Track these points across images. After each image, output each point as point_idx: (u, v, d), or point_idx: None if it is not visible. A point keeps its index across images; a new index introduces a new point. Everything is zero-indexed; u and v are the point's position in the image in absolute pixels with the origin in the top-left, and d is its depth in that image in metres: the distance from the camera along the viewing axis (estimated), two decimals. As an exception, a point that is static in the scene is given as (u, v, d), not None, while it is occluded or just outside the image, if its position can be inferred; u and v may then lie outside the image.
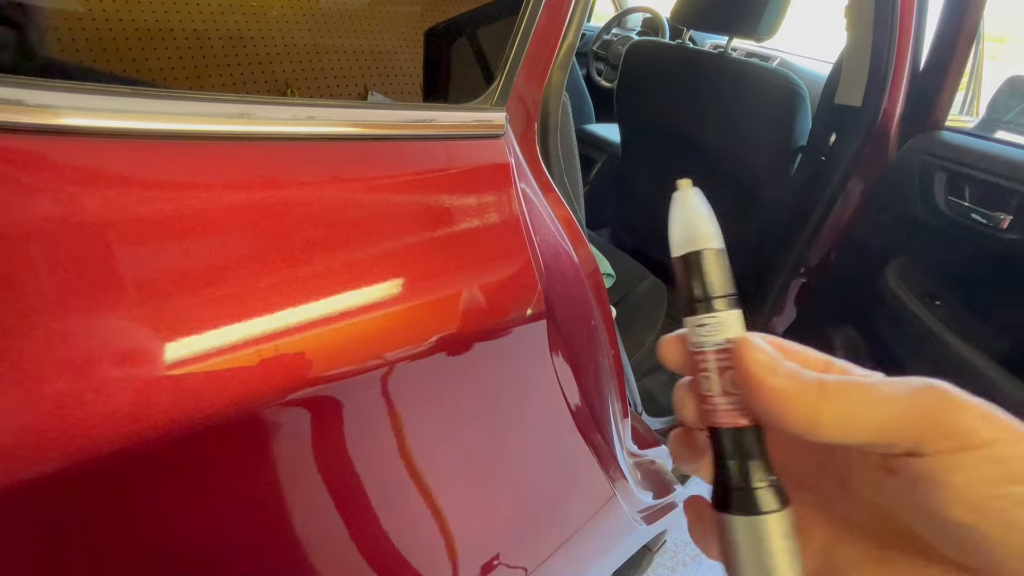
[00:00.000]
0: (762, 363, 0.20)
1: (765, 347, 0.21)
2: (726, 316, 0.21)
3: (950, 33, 1.17)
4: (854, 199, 1.33)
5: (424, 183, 0.44)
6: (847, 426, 0.19)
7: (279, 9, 1.14)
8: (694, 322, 0.22)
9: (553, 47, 0.55)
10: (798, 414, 0.20)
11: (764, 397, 0.20)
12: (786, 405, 0.20)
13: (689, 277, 0.22)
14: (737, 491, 0.21)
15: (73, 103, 0.31)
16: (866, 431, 0.19)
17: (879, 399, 0.19)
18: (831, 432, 0.19)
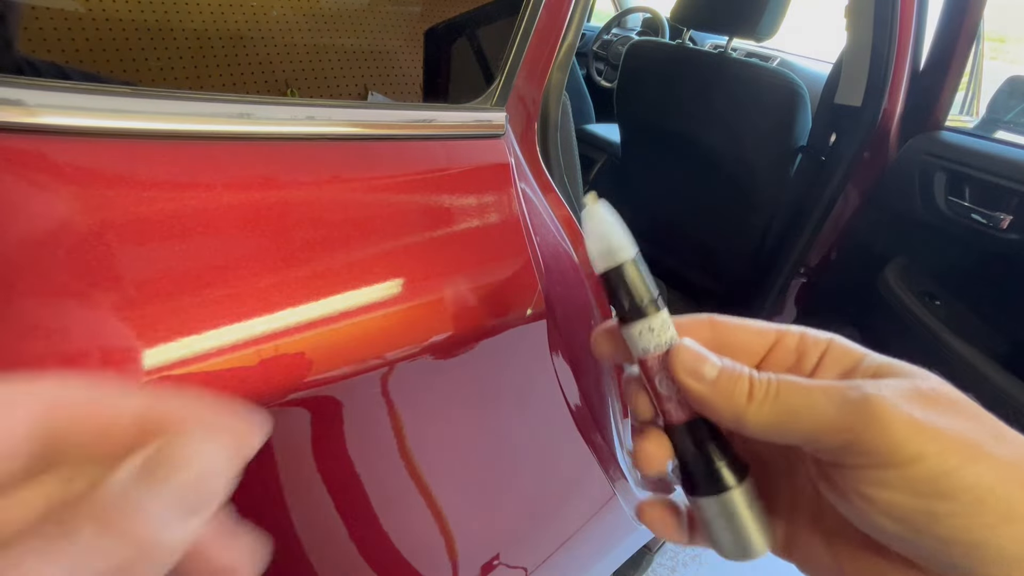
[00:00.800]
0: (687, 367, 0.22)
1: (692, 349, 0.22)
2: (655, 321, 0.23)
3: (950, 33, 1.17)
4: (854, 199, 1.33)
5: (424, 183, 0.44)
6: (771, 428, 0.20)
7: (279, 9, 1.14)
8: (630, 332, 0.23)
9: (553, 47, 0.55)
10: (725, 413, 0.21)
11: (692, 398, 0.22)
12: (712, 405, 0.21)
13: (615, 292, 0.23)
14: (697, 476, 0.23)
15: (73, 103, 0.31)
16: (790, 435, 0.20)
17: (806, 406, 0.19)
18: (756, 431, 0.21)
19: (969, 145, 1.15)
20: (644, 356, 0.23)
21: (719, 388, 0.21)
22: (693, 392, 0.22)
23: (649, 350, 0.23)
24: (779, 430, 0.20)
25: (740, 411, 0.21)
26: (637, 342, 0.23)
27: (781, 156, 1.42)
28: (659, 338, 0.23)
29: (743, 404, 0.21)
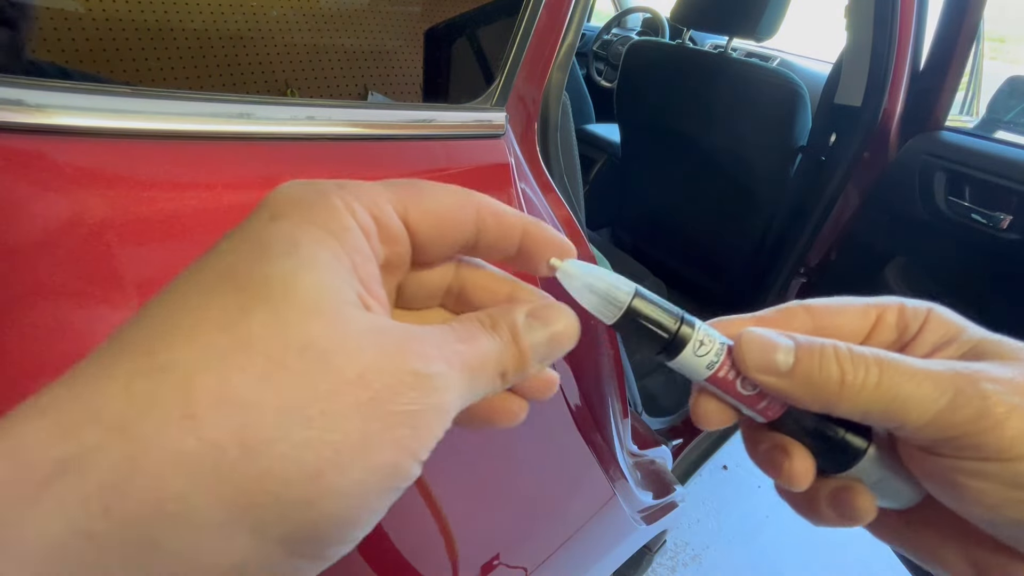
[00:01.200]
0: (757, 363, 0.20)
1: (757, 339, 0.20)
2: (699, 335, 0.21)
3: (950, 33, 1.17)
4: (854, 199, 1.33)
5: (424, 183, 0.44)
6: (868, 416, 0.19)
7: (279, 9, 1.14)
8: (683, 362, 0.21)
9: (553, 47, 0.55)
10: (813, 405, 0.20)
11: (776, 394, 0.20)
12: (797, 398, 0.20)
13: (639, 335, 0.21)
14: (828, 457, 0.21)
15: (73, 103, 0.31)
16: (887, 423, 0.19)
17: (912, 396, 0.18)
18: (850, 416, 0.19)
19: (969, 145, 1.15)
20: (712, 373, 0.21)
21: (799, 377, 0.19)
22: (773, 388, 0.20)
23: (715, 363, 0.21)
24: (876, 417, 0.19)
25: (832, 399, 0.19)
26: (696, 366, 0.21)
27: (781, 156, 1.42)
28: (712, 347, 0.21)
29: (835, 392, 0.19)
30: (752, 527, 1.52)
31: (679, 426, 1.39)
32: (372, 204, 0.17)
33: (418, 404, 0.15)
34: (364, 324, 0.15)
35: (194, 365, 0.13)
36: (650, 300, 0.21)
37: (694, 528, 1.50)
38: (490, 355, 0.18)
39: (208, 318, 0.14)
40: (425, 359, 0.16)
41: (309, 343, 0.14)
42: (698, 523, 1.52)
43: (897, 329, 0.22)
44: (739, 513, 1.56)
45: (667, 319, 0.21)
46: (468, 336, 0.18)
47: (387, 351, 0.15)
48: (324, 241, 0.16)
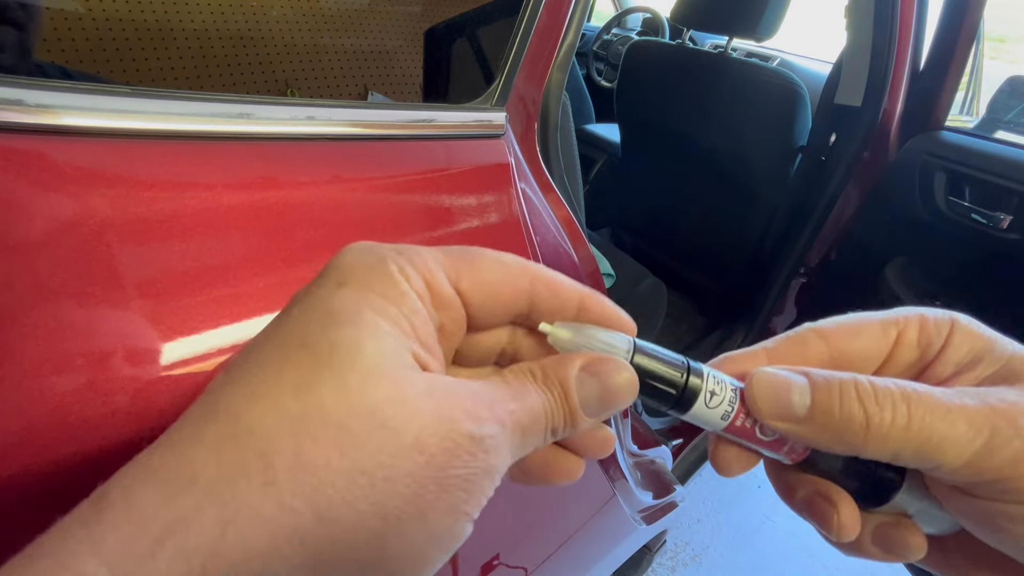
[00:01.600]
0: (772, 411, 0.19)
1: (768, 384, 0.19)
2: (708, 384, 0.20)
3: (950, 33, 1.17)
4: (854, 199, 1.33)
5: (424, 183, 0.44)
6: (897, 459, 0.18)
7: (279, 9, 1.14)
8: (696, 414, 0.20)
9: (553, 47, 0.55)
10: (837, 449, 0.18)
11: (797, 440, 0.19)
12: (819, 443, 0.19)
13: (647, 390, 0.20)
14: (863, 491, 0.20)
15: (73, 103, 0.30)
16: (920, 464, 0.18)
17: (946, 438, 0.17)
18: (878, 458, 0.18)
19: (969, 145, 1.15)
20: (728, 424, 0.20)
21: (819, 422, 0.18)
22: (792, 435, 0.19)
23: (730, 413, 0.20)
24: (908, 460, 0.17)
25: (857, 442, 0.18)
26: (711, 418, 0.20)
27: (781, 156, 1.42)
28: (725, 394, 0.20)
29: (860, 435, 0.17)
30: (752, 527, 1.52)
31: (679, 426, 1.39)
32: (426, 271, 0.18)
33: (471, 467, 0.16)
34: (421, 386, 0.16)
35: (273, 431, 0.14)
36: (651, 354, 0.20)
37: (694, 528, 1.50)
38: (540, 412, 0.18)
39: (284, 383, 0.15)
40: (478, 421, 0.16)
41: (373, 408, 0.15)
42: (698, 523, 1.52)
43: (919, 347, 0.20)
44: (739, 513, 1.56)
45: (672, 373, 0.20)
46: (520, 393, 0.18)
47: (442, 414, 0.16)
48: (385, 308, 0.17)
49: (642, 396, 0.20)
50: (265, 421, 0.14)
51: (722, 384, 0.20)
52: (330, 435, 0.14)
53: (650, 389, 0.20)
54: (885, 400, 0.17)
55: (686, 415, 0.20)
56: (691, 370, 0.20)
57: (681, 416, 0.20)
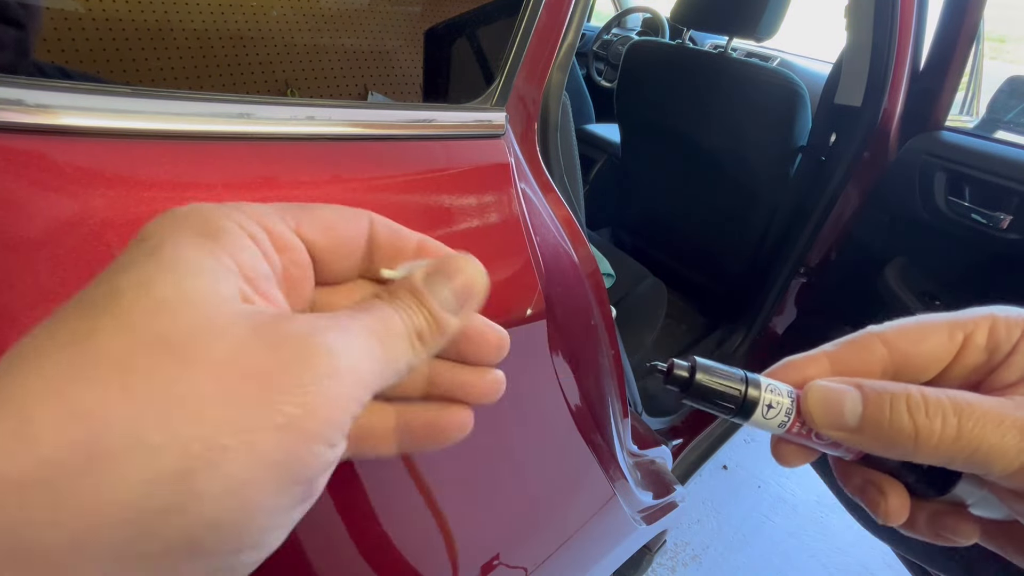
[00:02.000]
0: (825, 421, 0.19)
1: (821, 397, 0.19)
2: (766, 396, 0.21)
3: (950, 33, 1.17)
4: (854, 199, 1.33)
5: (424, 183, 0.44)
6: (949, 464, 0.18)
7: (279, 9, 1.14)
8: (756, 422, 0.21)
9: (553, 47, 0.55)
10: (890, 455, 0.19)
11: (849, 446, 0.20)
12: (871, 450, 0.19)
13: (710, 403, 0.22)
14: (921, 482, 0.21)
15: (73, 103, 0.31)
16: (971, 469, 0.18)
17: (996, 448, 0.17)
18: (931, 463, 0.18)
19: (969, 145, 1.15)
20: (785, 429, 0.21)
21: (870, 432, 0.18)
22: (845, 443, 0.19)
23: (787, 422, 0.21)
24: (961, 466, 0.18)
25: (907, 452, 0.18)
26: (769, 426, 0.21)
27: (781, 156, 1.42)
28: (782, 404, 0.21)
29: (909, 444, 0.18)
30: (752, 527, 1.52)
31: (679, 426, 1.39)
32: (258, 216, 0.17)
33: (307, 377, 0.13)
34: (236, 311, 0.14)
35: (35, 388, 0.12)
36: (712, 370, 0.21)
37: (694, 528, 1.50)
38: (394, 320, 0.17)
39: (54, 343, 0.13)
40: (314, 329, 0.14)
41: (159, 338, 0.13)
42: (698, 523, 1.52)
43: (987, 351, 0.20)
44: (739, 513, 1.56)
45: (731, 385, 0.21)
46: (367, 308, 0.17)
47: (264, 328, 0.14)
48: (195, 243, 0.15)
49: (706, 408, 0.21)
50: (27, 382, 0.12)
51: (779, 395, 0.21)
52: (105, 376, 0.12)
53: (714, 404, 0.21)
54: (935, 411, 0.17)
55: (747, 423, 0.21)
56: (749, 383, 0.21)
57: (743, 424, 0.22)
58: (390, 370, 0.16)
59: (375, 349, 0.16)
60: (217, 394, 0.12)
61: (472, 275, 0.19)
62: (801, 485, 1.65)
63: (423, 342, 0.17)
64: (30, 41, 0.49)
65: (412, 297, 0.18)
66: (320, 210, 0.19)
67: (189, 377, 0.12)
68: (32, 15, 0.50)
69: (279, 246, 0.17)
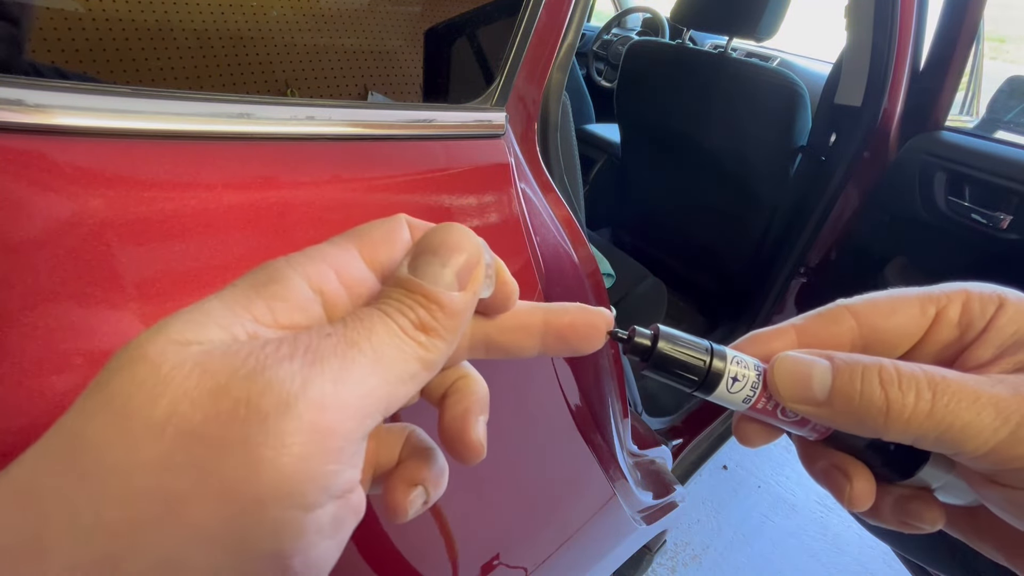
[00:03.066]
0: (792, 395, 0.18)
1: (789, 369, 0.19)
2: (731, 368, 0.20)
3: (950, 33, 1.17)
4: (854, 199, 1.33)
5: (424, 183, 0.44)
6: (919, 443, 0.17)
7: (279, 9, 1.14)
8: (720, 395, 0.20)
9: (553, 47, 0.55)
10: (859, 432, 0.18)
11: (817, 421, 0.19)
12: (840, 426, 0.19)
13: (671, 374, 0.20)
14: (887, 465, 0.20)
15: (73, 103, 0.30)
16: (943, 449, 0.17)
17: (971, 425, 0.16)
18: (901, 440, 0.17)
19: (969, 145, 1.15)
20: (749, 405, 0.20)
21: (839, 406, 0.17)
22: (813, 417, 0.19)
23: (751, 397, 0.20)
24: (931, 444, 0.17)
25: (877, 428, 0.17)
26: (733, 400, 0.20)
27: (781, 156, 1.42)
28: (748, 377, 0.20)
29: (879, 420, 0.17)
30: (752, 527, 1.52)
31: (679, 426, 1.39)
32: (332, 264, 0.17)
33: (253, 428, 0.11)
34: (191, 354, 0.13)
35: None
36: (676, 339, 0.20)
37: (694, 528, 1.50)
38: (376, 321, 0.15)
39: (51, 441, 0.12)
40: (264, 363, 0.12)
41: (107, 398, 0.12)
42: (698, 523, 1.52)
43: (959, 327, 0.19)
44: (739, 513, 1.56)
45: (694, 355, 0.20)
46: (344, 320, 0.15)
47: (215, 371, 0.12)
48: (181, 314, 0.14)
49: (668, 380, 0.20)
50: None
51: (745, 369, 0.20)
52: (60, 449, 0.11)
53: (675, 375, 0.20)
54: (909, 385, 0.17)
55: (710, 397, 0.20)
56: (714, 354, 0.20)
57: (705, 398, 0.21)
58: (395, 381, 0.14)
59: (360, 368, 0.13)
60: (152, 460, 0.11)
61: (458, 240, 0.16)
62: (801, 485, 1.65)
63: (430, 332, 0.15)
64: (23, 37, 0.48)
65: (399, 289, 0.15)
66: (373, 231, 0.18)
67: (126, 443, 0.11)
68: (25, 11, 0.49)
69: (352, 284, 0.17)
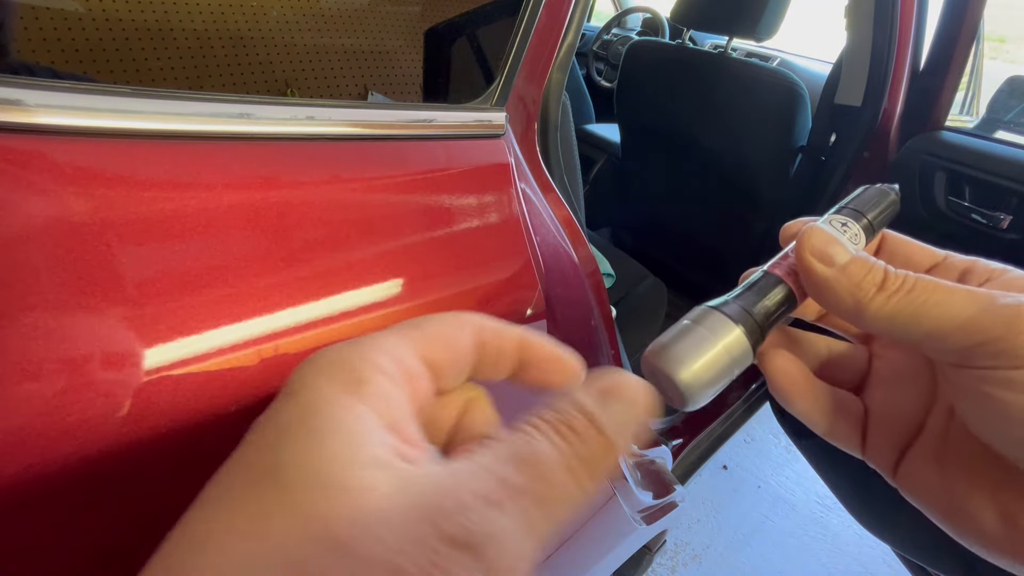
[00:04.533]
0: (816, 248, 0.21)
1: (825, 230, 0.22)
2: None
3: (950, 33, 1.17)
4: (854, 199, 1.33)
5: (424, 183, 0.44)
6: (894, 323, 0.19)
7: (279, 9, 1.14)
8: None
9: (553, 47, 0.55)
10: (846, 300, 0.20)
11: (813, 283, 0.21)
12: (835, 290, 0.20)
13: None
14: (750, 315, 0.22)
15: (73, 103, 0.31)
16: (914, 331, 0.19)
17: (941, 303, 0.18)
18: (876, 323, 0.19)
19: (969, 145, 1.15)
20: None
21: (847, 273, 0.20)
22: (817, 275, 0.21)
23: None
24: (904, 325, 0.19)
25: (864, 300, 0.19)
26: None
27: (781, 156, 1.42)
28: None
29: (870, 294, 0.19)
30: (752, 527, 1.52)
31: (679, 426, 1.39)
32: (391, 351, 0.17)
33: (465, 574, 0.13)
34: (385, 488, 0.13)
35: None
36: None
37: (694, 528, 1.50)
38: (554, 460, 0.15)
39: (233, 523, 0.13)
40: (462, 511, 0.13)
41: (325, 531, 0.13)
42: (698, 523, 1.52)
43: (959, 273, 0.22)
44: (739, 513, 1.56)
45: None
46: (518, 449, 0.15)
47: (413, 521, 0.13)
48: (340, 401, 0.15)
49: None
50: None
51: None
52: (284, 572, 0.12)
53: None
54: (900, 273, 0.20)
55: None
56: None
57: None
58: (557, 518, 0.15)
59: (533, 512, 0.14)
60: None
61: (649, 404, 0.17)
62: (801, 485, 1.65)
63: (592, 481, 0.15)
64: (7, 38, 0.48)
65: (583, 421, 0.15)
66: (433, 325, 0.19)
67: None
68: (8, 12, 0.49)
69: (409, 376, 0.17)
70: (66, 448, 0.27)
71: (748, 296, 0.22)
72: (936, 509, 0.21)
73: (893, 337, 0.20)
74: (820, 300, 0.21)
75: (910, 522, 1.00)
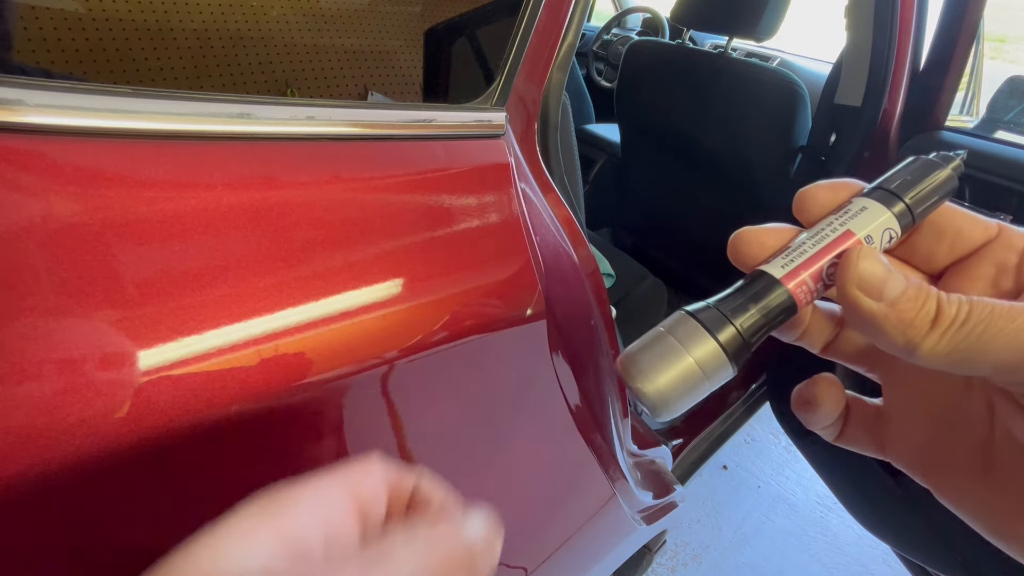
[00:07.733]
0: (864, 280, 0.18)
1: (878, 258, 0.18)
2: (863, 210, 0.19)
3: (950, 33, 1.17)
4: (854, 199, 1.33)
5: (424, 183, 0.44)
6: (951, 360, 0.17)
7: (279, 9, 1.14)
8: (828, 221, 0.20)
9: (553, 47, 0.55)
10: (896, 339, 0.17)
11: (857, 316, 0.18)
12: (884, 329, 0.18)
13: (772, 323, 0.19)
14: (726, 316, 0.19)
15: (73, 103, 0.31)
16: (977, 367, 0.17)
17: (1005, 334, 0.16)
18: (929, 361, 0.17)
19: (969, 145, 1.15)
20: (822, 233, 0.19)
21: (898, 309, 0.17)
22: (864, 312, 0.18)
23: (832, 235, 0.19)
24: (964, 363, 0.17)
25: (916, 339, 0.17)
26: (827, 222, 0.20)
27: (781, 156, 1.42)
28: (849, 227, 0.19)
29: (923, 332, 0.17)
30: (752, 527, 1.52)
31: (679, 426, 1.39)
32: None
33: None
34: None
35: None
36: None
37: (694, 528, 1.50)
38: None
39: None
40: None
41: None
42: (698, 523, 1.52)
43: (1019, 254, 0.19)
44: (739, 513, 1.56)
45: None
46: None
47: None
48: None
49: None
50: None
51: (857, 224, 0.19)
52: None
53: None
54: (954, 301, 0.17)
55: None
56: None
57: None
58: None
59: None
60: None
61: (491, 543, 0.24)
62: (801, 485, 1.65)
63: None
64: (6, 31, 0.48)
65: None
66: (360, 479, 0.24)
67: None
68: (8, 6, 0.49)
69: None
70: (66, 448, 0.27)
71: (736, 300, 0.19)
72: (983, 522, 0.20)
73: (958, 373, 0.18)
74: (866, 335, 0.19)
75: (910, 522, 1.00)
